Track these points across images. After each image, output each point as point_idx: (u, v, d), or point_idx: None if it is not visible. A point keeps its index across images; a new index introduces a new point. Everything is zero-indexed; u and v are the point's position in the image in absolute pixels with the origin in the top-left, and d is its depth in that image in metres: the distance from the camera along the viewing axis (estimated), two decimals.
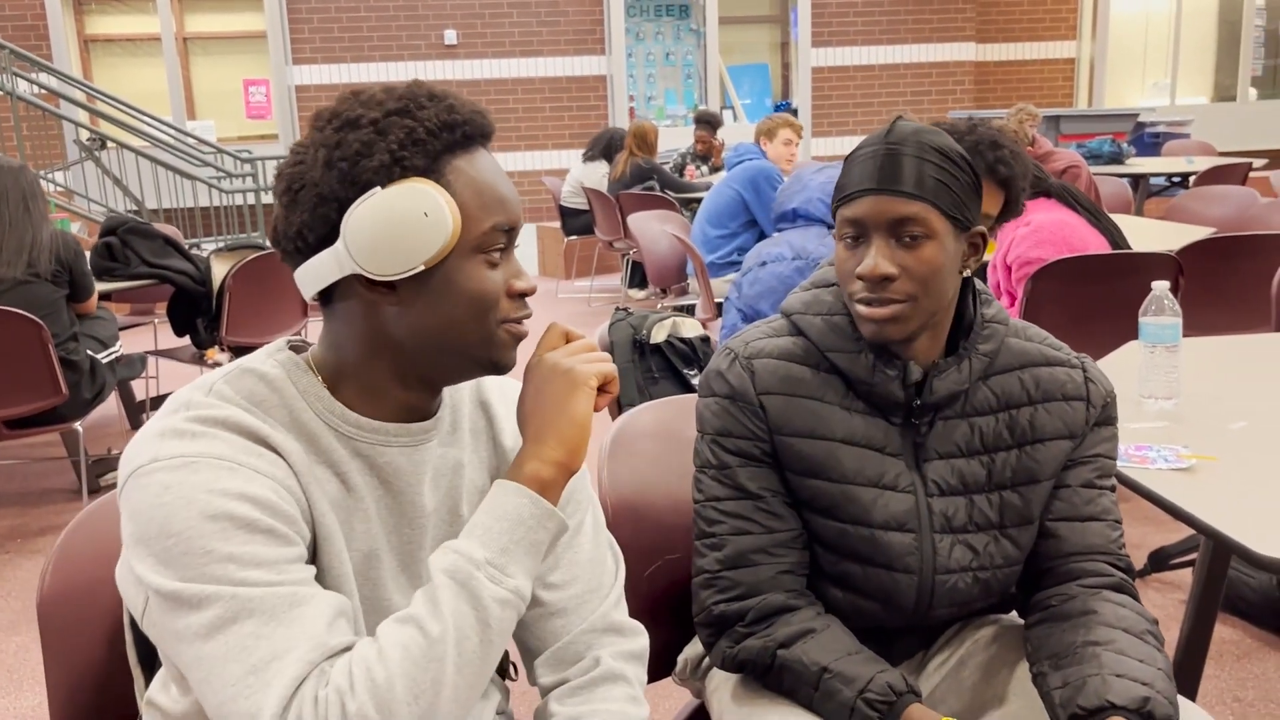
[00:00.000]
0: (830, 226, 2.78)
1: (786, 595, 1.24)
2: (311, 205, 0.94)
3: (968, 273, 1.25)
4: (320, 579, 0.95)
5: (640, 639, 1.16)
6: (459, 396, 1.10)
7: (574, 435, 0.98)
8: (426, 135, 0.94)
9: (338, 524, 0.98)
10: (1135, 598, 1.24)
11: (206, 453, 0.90)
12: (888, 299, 1.19)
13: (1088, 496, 1.27)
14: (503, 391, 1.14)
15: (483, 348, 0.99)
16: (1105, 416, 1.30)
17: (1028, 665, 1.22)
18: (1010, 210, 2.39)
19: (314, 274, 0.96)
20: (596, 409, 1.01)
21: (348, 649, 0.90)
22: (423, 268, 0.94)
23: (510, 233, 0.99)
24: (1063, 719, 1.11)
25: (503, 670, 1.21)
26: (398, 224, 0.92)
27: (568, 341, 1.04)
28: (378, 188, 0.93)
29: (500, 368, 1.02)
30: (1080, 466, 1.28)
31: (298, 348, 1.04)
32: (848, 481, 1.24)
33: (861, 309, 1.21)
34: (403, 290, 0.95)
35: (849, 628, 1.26)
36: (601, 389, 1.01)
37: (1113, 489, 1.30)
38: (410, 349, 0.98)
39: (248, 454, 0.92)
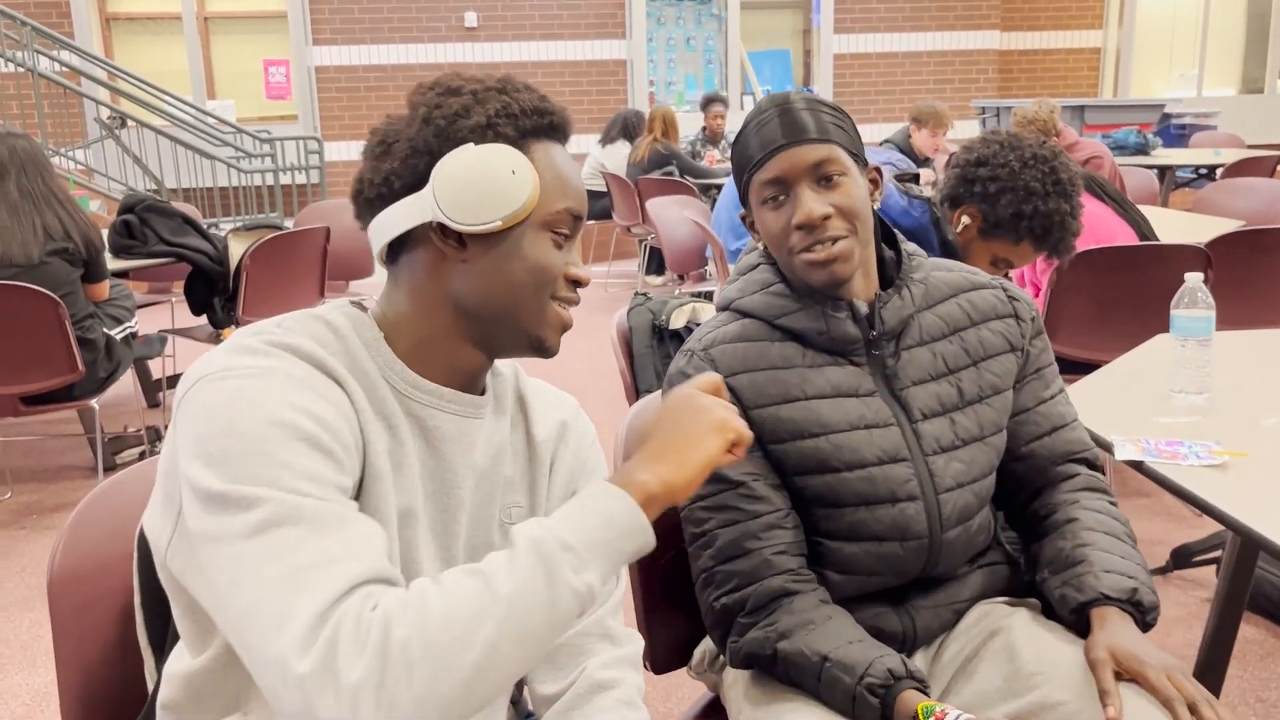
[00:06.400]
0: None
1: (784, 578, 1.24)
2: (404, 156, 1.00)
3: (876, 206, 1.33)
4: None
5: (634, 645, 1.15)
6: (502, 389, 1.12)
7: (694, 468, 0.95)
8: (520, 112, 1.02)
9: (389, 467, 0.98)
10: (1106, 491, 1.37)
11: (279, 369, 0.93)
12: (829, 238, 1.25)
13: (1046, 411, 1.38)
14: (537, 390, 1.17)
15: (534, 322, 1.03)
16: (1036, 328, 1.40)
17: (1036, 578, 1.33)
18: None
19: (394, 220, 1.01)
20: (721, 464, 0.98)
21: (396, 583, 0.87)
22: (500, 224, 0.98)
23: (578, 221, 1.05)
24: (1065, 614, 1.25)
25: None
26: (486, 176, 0.98)
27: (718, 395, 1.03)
28: (470, 144, 0.99)
29: (545, 348, 1.05)
30: (1032, 382, 1.38)
31: (359, 305, 1.06)
32: (832, 430, 1.27)
33: (806, 257, 1.26)
34: (472, 247, 1.00)
35: (876, 584, 1.29)
36: (731, 449, 0.98)
37: (1062, 390, 1.41)
38: (468, 310, 1.01)
39: (316, 381, 0.95)
